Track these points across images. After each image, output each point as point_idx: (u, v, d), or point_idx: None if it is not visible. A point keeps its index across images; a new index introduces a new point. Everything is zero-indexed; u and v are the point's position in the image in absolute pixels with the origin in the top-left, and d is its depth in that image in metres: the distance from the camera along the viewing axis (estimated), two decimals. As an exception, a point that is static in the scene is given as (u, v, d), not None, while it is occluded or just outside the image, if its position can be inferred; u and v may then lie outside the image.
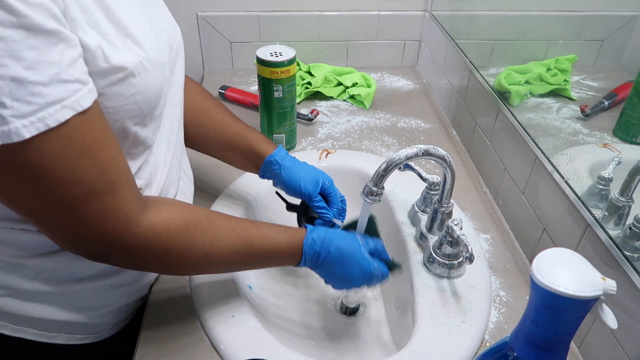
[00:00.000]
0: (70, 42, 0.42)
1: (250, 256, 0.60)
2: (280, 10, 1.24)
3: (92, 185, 0.45)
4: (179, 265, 0.57)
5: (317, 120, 1.10)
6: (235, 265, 0.63)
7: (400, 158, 0.61)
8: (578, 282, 0.40)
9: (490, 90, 0.91)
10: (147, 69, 0.51)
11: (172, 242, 0.53)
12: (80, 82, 0.43)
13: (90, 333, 0.67)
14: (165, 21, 0.62)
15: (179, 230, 0.54)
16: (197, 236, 0.55)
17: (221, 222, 0.59)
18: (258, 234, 0.61)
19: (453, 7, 1.15)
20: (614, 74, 0.68)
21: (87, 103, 0.43)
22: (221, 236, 0.57)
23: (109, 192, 0.47)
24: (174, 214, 0.54)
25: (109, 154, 0.47)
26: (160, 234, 0.52)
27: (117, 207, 0.48)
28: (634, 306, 0.55)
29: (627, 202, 0.59)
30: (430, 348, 0.61)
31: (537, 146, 0.75)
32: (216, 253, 0.57)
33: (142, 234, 0.51)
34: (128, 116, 0.51)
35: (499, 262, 0.77)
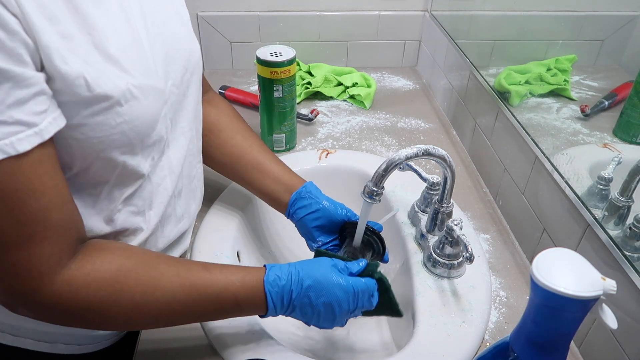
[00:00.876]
0: (23, 81, 0.39)
1: (195, 303, 0.52)
2: (280, 10, 1.24)
3: (3, 234, 0.42)
4: (104, 321, 0.51)
5: (317, 120, 1.10)
6: (178, 316, 0.53)
7: (400, 158, 0.61)
8: (578, 282, 0.40)
9: (490, 90, 0.91)
10: (135, 97, 0.48)
11: (94, 298, 0.48)
12: (22, 124, 0.39)
13: (90, 342, 0.66)
14: (183, 43, 0.59)
15: (104, 283, 0.48)
16: (127, 286, 0.49)
17: (162, 268, 0.52)
18: (206, 276, 0.53)
19: (453, 7, 1.15)
20: (614, 74, 0.68)
21: (24, 147, 0.40)
22: (158, 283, 0.51)
23: (22, 246, 0.43)
24: (101, 265, 0.49)
25: (34, 206, 0.42)
26: (78, 291, 0.47)
27: (29, 262, 0.44)
28: (634, 306, 0.55)
29: (627, 202, 0.59)
30: (430, 348, 0.61)
31: (537, 146, 0.75)
32: (150, 304, 0.50)
33: (56, 292, 0.46)
34: (114, 146, 0.48)
35: (499, 262, 0.77)
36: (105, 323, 0.52)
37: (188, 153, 0.63)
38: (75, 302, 0.47)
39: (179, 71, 0.55)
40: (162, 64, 0.52)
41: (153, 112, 0.51)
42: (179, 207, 0.64)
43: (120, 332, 0.70)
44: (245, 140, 0.75)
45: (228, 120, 0.76)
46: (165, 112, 0.54)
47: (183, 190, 0.64)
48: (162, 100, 0.52)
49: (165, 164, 0.58)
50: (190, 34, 0.62)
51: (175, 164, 0.60)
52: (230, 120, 0.76)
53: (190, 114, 0.62)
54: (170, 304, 0.51)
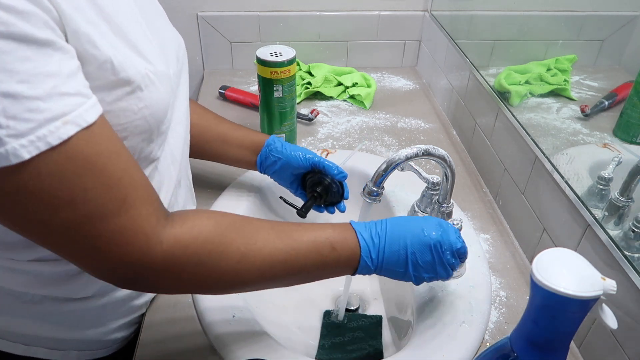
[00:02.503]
0: (68, 52, 0.39)
1: (295, 253, 0.52)
2: (280, 10, 1.24)
3: (99, 204, 0.41)
4: (216, 277, 0.50)
5: (317, 120, 1.10)
6: (281, 270, 0.52)
7: (400, 158, 0.61)
8: (578, 282, 0.40)
9: (490, 90, 0.91)
10: (153, 82, 0.49)
11: (204, 251, 0.48)
12: (83, 95, 0.40)
13: (102, 348, 0.66)
14: (169, 33, 0.61)
15: (209, 236, 0.49)
16: (231, 238, 0.50)
17: (256, 222, 0.53)
18: (299, 227, 0.54)
19: (453, 7, 1.15)
20: (614, 74, 0.68)
21: (92, 118, 0.40)
22: (258, 235, 0.51)
23: (119, 211, 0.42)
24: (201, 221, 0.49)
25: (117, 167, 0.42)
26: (187, 246, 0.47)
27: (132, 226, 0.43)
28: (634, 306, 0.55)
29: (627, 202, 0.59)
30: (430, 348, 0.61)
31: (537, 146, 0.75)
32: (255, 255, 0.50)
33: (167, 251, 0.46)
34: (136, 132, 0.49)
35: (499, 262, 0.77)
36: (215, 280, 0.50)
37: (185, 142, 0.65)
38: (187, 258, 0.47)
39: (174, 60, 0.57)
40: (162, 53, 0.54)
41: (167, 97, 0.52)
42: (180, 196, 0.65)
43: (132, 333, 0.70)
44: (202, 117, 0.79)
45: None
46: (173, 100, 0.56)
47: (182, 179, 0.66)
48: (171, 86, 0.53)
49: (168, 153, 0.60)
50: (171, 26, 0.64)
51: (176, 152, 0.61)
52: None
53: (184, 102, 0.63)
54: (272, 254, 0.51)
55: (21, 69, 0.36)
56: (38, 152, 0.37)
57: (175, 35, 0.62)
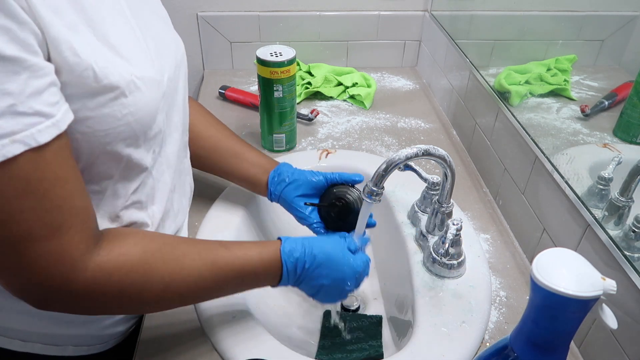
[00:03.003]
0: (38, 70, 0.38)
1: (219, 280, 0.55)
2: (280, 10, 1.24)
3: (32, 227, 0.41)
4: (138, 303, 0.52)
5: (317, 120, 1.10)
6: (204, 293, 0.57)
7: (400, 158, 0.61)
8: (578, 282, 0.40)
9: (490, 90, 0.91)
10: (139, 88, 0.48)
11: (127, 280, 0.48)
12: (41, 115, 0.39)
13: (99, 342, 0.66)
14: (168, 38, 0.60)
15: (134, 265, 0.49)
16: (156, 267, 0.50)
17: (183, 248, 0.54)
18: (226, 254, 0.56)
19: (453, 7, 1.15)
20: (614, 74, 0.68)
21: (45, 138, 0.39)
22: (184, 263, 0.52)
23: (53, 236, 0.42)
24: (128, 248, 0.49)
25: (59, 194, 0.42)
26: (111, 275, 0.47)
27: (61, 251, 0.43)
28: (634, 306, 0.55)
29: (627, 202, 0.59)
30: (430, 348, 0.61)
31: (537, 146, 0.75)
32: (178, 283, 0.52)
33: (90, 278, 0.46)
34: (120, 138, 0.48)
35: (499, 262, 0.77)
36: (138, 305, 0.53)
37: (181, 147, 0.65)
38: (109, 286, 0.47)
39: (170, 65, 0.56)
40: (157, 58, 0.53)
41: (154, 103, 0.51)
42: (175, 201, 0.65)
43: (128, 329, 0.70)
44: (220, 132, 0.78)
45: (199, 116, 0.77)
46: (163, 104, 0.54)
47: (177, 185, 0.65)
48: (160, 92, 0.53)
49: (164, 159, 0.59)
50: (172, 30, 0.63)
51: (171, 158, 0.61)
52: (201, 116, 0.78)
53: (181, 107, 0.63)
54: (196, 282, 0.53)
55: None
56: None
57: (174, 40, 0.62)
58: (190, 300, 0.57)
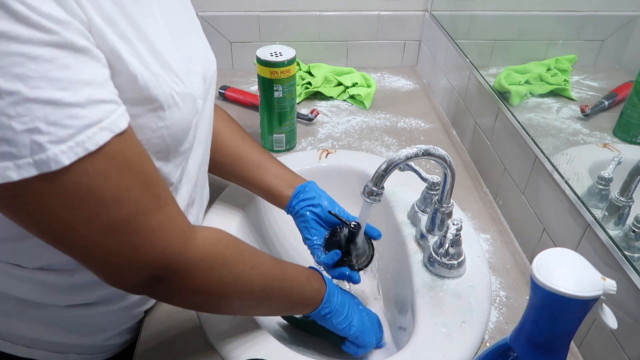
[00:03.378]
0: (100, 60, 0.40)
1: (285, 271, 0.58)
2: (280, 10, 1.24)
3: (140, 202, 0.42)
4: (235, 281, 0.52)
5: (317, 120, 1.10)
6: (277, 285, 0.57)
7: (400, 158, 0.61)
8: (578, 282, 0.40)
9: (490, 90, 0.91)
10: (177, 103, 0.49)
11: (228, 251, 0.51)
12: (115, 102, 0.40)
13: (102, 352, 0.67)
14: (201, 53, 0.59)
15: (229, 240, 0.52)
16: (244, 248, 0.54)
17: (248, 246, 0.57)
18: (284, 261, 0.60)
19: (453, 7, 1.15)
20: (614, 74, 0.68)
21: (124, 124, 0.40)
22: (257, 250, 0.56)
23: (158, 208, 0.44)
24: (216, 229, 0.52)
25: (150, 167, 0.44)
26: (215, 244, 0.49)
27: (170, 221, 0.45)
28: (634, 306, 0.55)
29: (627, 202, 0.59)
30: (430, 348, 0.61)
31: (537, 146, 0.75)
32: (261, 266, 0.55)
33: (200, 246, 0.47)
34: (152, 151, 0.48)
35: (499, 262, 0.77)
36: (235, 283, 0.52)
37: (203, 162, 0.65)
38: (216, 255, 0.49)
39: (200, 82, 0.56)
40: (190, 75, 0.53)
41: (189, 119, 0.51)
42: (191, 215, 0.65)
43: (131, 338, 0.70)
44: (244, 142, 0.77)
45: (225, 125, 0.77)
46: (196, 121, 0.55)
47: (196, 198, 0.65)
48: (195, 108, 0.53)
49: (186, 173, 0.59)
50: (207, 46, 0.62)
51: (192, 173, 0.61)
52: (227, 125, 0.77)
53: (207, 124, 0.63)
54: (272, 269, 0.56)
55: (62, 77, 0.36)
56: (77, 157, 0.37)
57: (207, 56, 0.61)
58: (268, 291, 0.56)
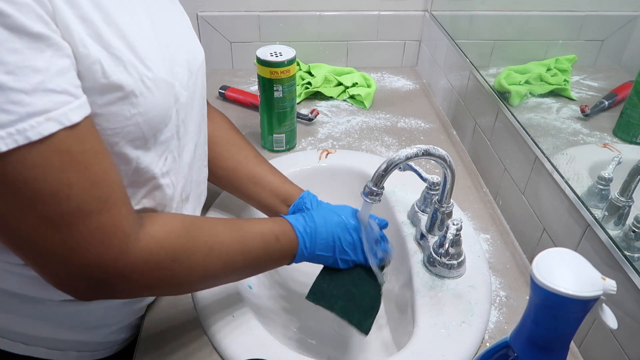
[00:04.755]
0: (60, 49, 0.38)
1: (248, 245, 0.57)
2: (280, 10, 1.24)
3: (82, 201, 0.41)
4: (187, 272, 0.52)
5: (317, 120, 1.10)
6: (239, 259, 0.57)
7: (400, 158, 0.61)
8: (578, 282, 0.40)
9: (490, 90, 0.91)
10: (149, 89, 0.47)
11: (177, 246, 0.50)
12: (70, 94, 0.39)
13: (102, 349, 0.66)
14: (186, 45, 0.58)
15: (180, 232, 0.51)
16: (197, 232, 0.52)
17: (210, 219, 0.57)
18: (245, 222, 0.60)
19: (453, 7, 1.15)
20: (614, 74, 0.68)
21: (76, 118, 0.39)
22: (217, 230, 0.55)
23: (102, 209, 0.42)
24: (168, 219, 0.51)
25: (101, 166, 0.42)
26: (162, 242, 0.48)
27: (113, 224, 0.43)
28: (634, 306, 0.55)
29: (627, 202, 0.59)
30: (430, 348, 0.61)
31: (537, 146, 0.75)
32: (219, 247, 0.54)
33: (145, 248, 0.46)
34: (128, 139, 0.47)
35: (499, 262, 0.77)
36: (187, 274, 0.52)
37: (196, 157, 0.64)
38: (163, 254, 0.48)
39: (183, 74, 0.55)
40: (170, 63, 0.52)
41: (165, 106, 0.50)
42: (186, 211, 0.64)
43: (131, 335, 0.69)
44: (240, 152, 0.76)
45: (224, 134, 0.76)
46: (177, 109, 0.54)
47: (191, 194, 0.64)
48: (173, 95, 0.52)
49: (178, 167, 0.58)
50: (193, 38, 0.62)
51: (185, 168, 0.60)
52: (225, 133, 0.76)
53: (196, 118, 0.62)
54: (232, 246, 0.55)
55: (9, 60, 0.35)
56: (16, 145, 0.36)
57: (192, 49, 0.60)
58: (230, 267, 0.57)
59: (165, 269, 0.49)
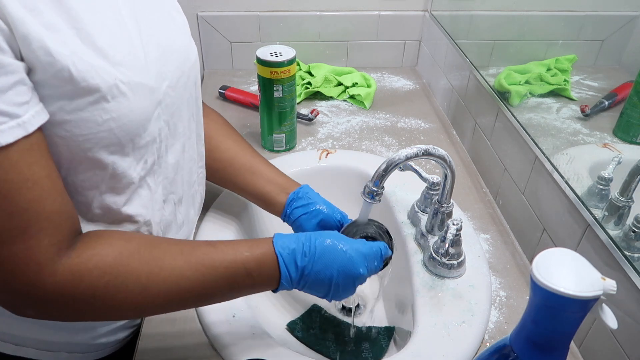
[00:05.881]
0: (2, 67, 0.37)
1: (205, 280, 0.50)
2: (280, 10, 1.24)
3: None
4: (113, 309, 0.48)
5: (317, 120, 1.10)
6: (189, 297, 0.51)
7: (400, 158, 0.61)
8: (578, 282, 0.40)
9: (490, 90, 0.91)
10: (123, 93, 0.46)
11: (99, 283, 0.46)
12: (4, 114, 0.37)
13: (94, 350, 0.66)
14: (177, 43, 0.57)
15: (108, 267, 0.46)
16: (132, 268, 0.47)
17: (164, 247, 0.51)
18: (213, 251, 0.51)
19: (453, 7, 1.15)
20: (614, 74, 0.68)
21: (7, 139, 0.38)
22: (163, 263, 0.49)
23: (15, 240, 0.41)
24: (102, 250, 0.47)
25: (26, 197, 0.41)
26: (82, 278, 0.45)
27: (27, 255, 0.42)
28: (634, 306, 0.55)
29: (627, 202, 0.59)
30: (430, 348, 0.61)
31: (537, 146, 0.75)
32: (158, 284, 0.48)
33: (59, 283, 0.44)
34: (102, 145, 0.46)
35: (499, 262, 0.77)
36: (114, 311, 0.49)
37: (187, 158, 0.62)
38: (80, 290, 0.45)
39: (174, 73, 0.54)
40: (156, 64, 0.51)
41: (143, 111, 0.49)
42: (179, 213, 0.63)
43: (125, 337, 0.69)
44: (237, 145, 0.75)
45: (218, 127, 0.75)
46: (159, 113, 0.52)
47: (184, 196, 0.63)
48: (154, 99, 0.50)
49: (163, 170, 0.57)
50: (186, 37, 0.60)
51: (169, 170, 0.58)
52: (220, 127, 0.76)
53: (186, 117, 0.60)
54: (178, 282, 0.49)
55: None
56: None
57: (185, 47, 0.59)
58: (175, 306, 0.51)
59: (84, 303, 0.46)
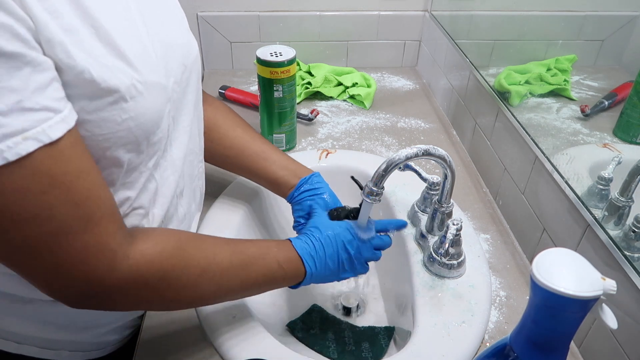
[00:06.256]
0: (39, 65, 0.38)
1: (248, 269, 0.56)
2: (280, 10, 1.24)
3: (64, 222, 0.41)
4: (176, 291, 0.51)
5: (317, 120, 1.10)
6: (235, 282, 0.56)
7: (400, 158, 0.61)
8: (578, 282, 0.40)
9: (490, 90, 0.91)
10: (140, 93, 0.47)
11: (168, 265, 0.49)
12: (49, 110, 0.38)
13: (95, 349, 0.66)
14: (179, 39, 0.58)
15: (172, 251, 0.50)
16: (192, 252, 0.52)
17: (211, 239, 0.57)
18: (248, 244, 0.59)
19: (453, 7, 1.15)
20: (614, 74, 0.68)
21: (57, 134, 0.39)
22: (215, 250, 0.54)
23: (85, 229, 0.42)
24: (163, 237, 0.51)
25: (84, 186, 0.42)
26: (153, 260, 0.48)
27: (98, 242, 0.43)
28: (634, 306, 0.55)
29: (627, 202, 0.59)
30: (430, 348, 0.61)
31: (537, 146, 0.75)
32: (213, 269, 0.53)
33: (134, 266, 0.46)
34: (120, 143, 0.47)
35: (499, 262, 0.77)
36: (176, 293, 0.52)
37: (189, 152, 0.63)
38: (151, 272, 0.48)
39: (178, 68, 0.55)
40: (162, 61, 0.52)
41: (158, 108, 0.50)
42: (181, 207, 0.63)
43: (126, 336, 0.69)
44: (247, 132, 0.77)
45: (225, 116, 0.77)
46: (169, 109, 0.53)
47: (185, 189, 0.64)
48: (165, 97, 0.52)
49: (169, 163, 0.58)
50: (186, 32, 0.61)
51: (177, 162, 0.60)
52: (227, 116, 0.77)
53: (191, 111, 0.61)
54: (228, 269, 0.54)
55: None
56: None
57: (186, 41, 0.60)
58: (224, 289, 0.56)
59: (153, 288, 0.49)
